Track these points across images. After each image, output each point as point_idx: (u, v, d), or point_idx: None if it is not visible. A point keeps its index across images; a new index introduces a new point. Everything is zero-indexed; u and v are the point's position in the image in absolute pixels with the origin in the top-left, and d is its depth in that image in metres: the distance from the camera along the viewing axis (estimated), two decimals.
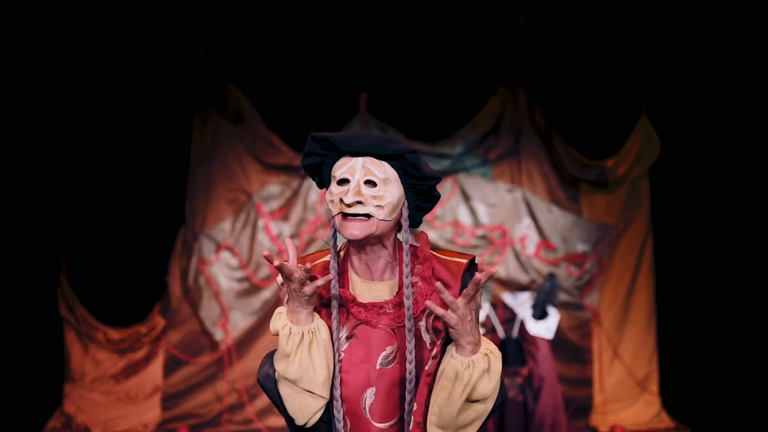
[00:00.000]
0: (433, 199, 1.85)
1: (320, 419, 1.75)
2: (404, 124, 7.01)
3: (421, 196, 1.82)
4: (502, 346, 5.19)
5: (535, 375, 5.26)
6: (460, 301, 1.64)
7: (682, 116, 6.91)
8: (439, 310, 1.64)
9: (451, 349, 1.70)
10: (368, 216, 1.73)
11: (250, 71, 7.18)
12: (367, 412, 1.72)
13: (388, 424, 1.72)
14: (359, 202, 1.72)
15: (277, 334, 1.74)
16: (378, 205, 1.73)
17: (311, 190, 7.27)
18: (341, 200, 1.72)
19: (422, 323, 1.76)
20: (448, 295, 1.63)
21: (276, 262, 1.63)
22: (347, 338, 1.76)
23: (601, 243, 7.27)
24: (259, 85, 7.22)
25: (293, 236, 7.20)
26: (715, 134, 6.72)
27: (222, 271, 7.15)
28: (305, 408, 1.72)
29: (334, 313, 1.74)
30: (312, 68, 7.04)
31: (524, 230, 7.29)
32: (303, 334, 1.70)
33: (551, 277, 5.84)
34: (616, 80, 7.08)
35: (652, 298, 7.23)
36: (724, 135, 6.68)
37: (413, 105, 6.99)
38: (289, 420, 1.77)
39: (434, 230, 7.18)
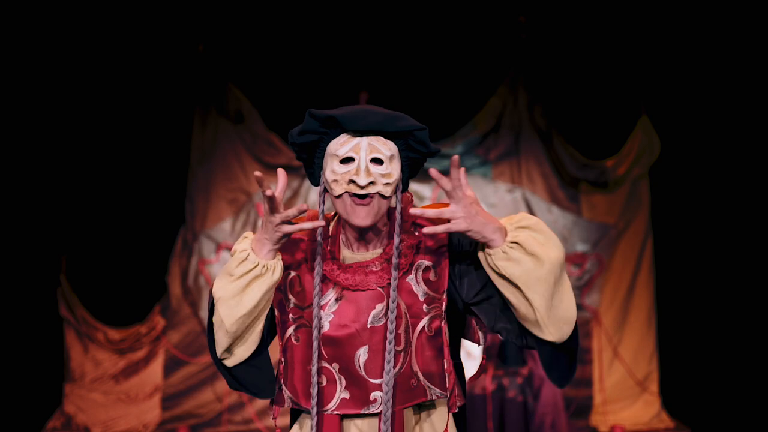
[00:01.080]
0: (421, 166, 1.85)
1: (248, 363, 1.75)
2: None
3: (415, 168, 1.82)
4: (502, 346, 5.18)
5: (535, 375, 5.25)
6: (457, 204, 1.62)
7: (682, 116, 6.91)
8: (440, 228, 1.62)
9: (486, 255, 1.66)
10: (373, 195, 1.70)
11: (250, 71, 7.19)
12: (362, 370, 1.72)
13: (382, 379, 1.71)
14: (371, 183, 1.69)
15: (233, 254, 1.72)
16: (386, 183, 1.71)
17: (311, 190, 7.27)
18: (352, 181, 1.69)
19: (411, 276, 1.76)
20: (439, 224, 1.63)
21: (268, 192, 1.62)
22: (336, 300, 1.75)
23: (601, 243, 7.27)
24: (259, 85, 7.22)
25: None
26: (715, 134, 6.72)
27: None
28: (221, 337, 1.71)
29: (317, 279, 1.73)
30: (312, 68, 7.04)
31: None
32: (257, 264, 1.67)
33: None
34: (616, 80, 7.07)
35: (652, 298, 7.23)
36: (724, 135, 6.68)
37: (413, 105, 6.94)
38: (211, 346, 1.75)
39: None
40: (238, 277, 1.68)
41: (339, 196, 1.73)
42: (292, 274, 1.80)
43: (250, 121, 7.24)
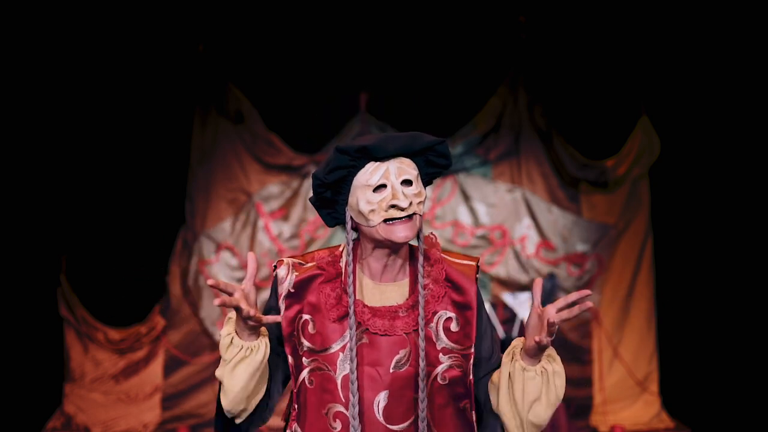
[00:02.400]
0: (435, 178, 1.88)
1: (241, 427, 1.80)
2: (404, 124, 6.99)
3: (431, 182, 1.85)
4: (502, 346, 5.18)
5: None
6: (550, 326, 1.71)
7: (682, 116, 6.91)
8: (545, 338, 1.71)
9: (526, 364, 1.76)
10: (408, 217, 1.72)
11: (250, 71, 7.18)
12: (380, 416, 1.71)
13: (400, 426, 1.71)
14: (410, 204, 1.71)
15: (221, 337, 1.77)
16: (420, 202, 1.74)
17: (311, 191, 7.26)
18: (392, 206, 1.70)
19: (432, 325, 1.76)
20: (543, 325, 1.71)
21: (217, 301, 1.62)
22: (356, 341, 1.74)
23: (601, 243, 7.27)
24: (259, 85, 7.22)
25: (293, 236, 7.20)
26: (715, 134, 6.71)
27: (222, 271, 7.15)
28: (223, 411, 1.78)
29: (351, 331, 1.73)
30: (312, 68, 7.04)
31: (524, 230, 7.29)
32: (241, 347, 1.70)
33: (551, 277, 5.84)
34: (616, 80, 7.07)
35: (652, 298, 7.23)
36: (724, 135, 6.68)
37: (413, 105, 6.99)
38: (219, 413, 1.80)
39: (434, 230, 7.17)
40: (227, 362, 1.72)
41: (376, 225, 1.72)
42: (305, 317, 1.78)
43: (250, 121, 7.24)
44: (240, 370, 1.70)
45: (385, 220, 1.71)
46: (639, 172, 7.25)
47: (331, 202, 1.82)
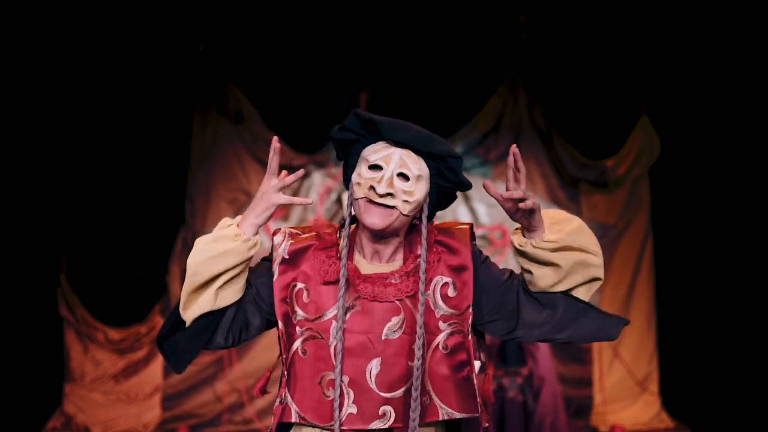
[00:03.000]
0: (451, 200, 1.88)
1: (198, 321, 1.74)
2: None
3: (443, 197, 1.83)
4: (502, 346, 5.18)
5: (535, 375, 5.26)
6: (523, 185, 1.73)
7: (682, 116, 6.91)
8: (516, 193, 1.72)
9: (528, 239, 1.74)
10: (392, 207, 1.71)
11: (250, 71, 7.18)
12: (373, 383, 1.69)
13: (393, 393, 1.69)
14: (390, 194, 1.70)
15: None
16: (405, 200, 1.72)
17: (311, 190, 7.27)
18: (372, 187, 1.70)
19: (429, 293, 1.75)
20: (517, 191, 1.72)
21: (276, 144, 1.70)
22: (347, 310, 1.72)
23: (601, 243, 7.20)
24: (259, 85, 7.22)
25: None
26: (715, 134, 6.71)
27: None
28: (184, 287, 1.73)
29: (341, 292, 1.71)
30: (312, 68, 7.03)
31: None
32: (235, 232, 1.71)
33: None
34: (616, 80, 7.07)
35: (652, 298, 7.23)
36: (724, 135, 6.68)
37: (413, 105, 6.98)
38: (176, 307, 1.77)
39: None
40: (215, 236, 1.72)
41: (358, 199, 1.73)
42: (299, 286, 1.77)
43: (250, 121, 7.24)
44: (225, 243, 1.70)
45: (367, 200, 1.71)
46: (639, 172, 7.25)
47: (345, 165, 1.84)
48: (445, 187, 1.81)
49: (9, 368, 6.47)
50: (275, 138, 1.73)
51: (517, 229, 1.80)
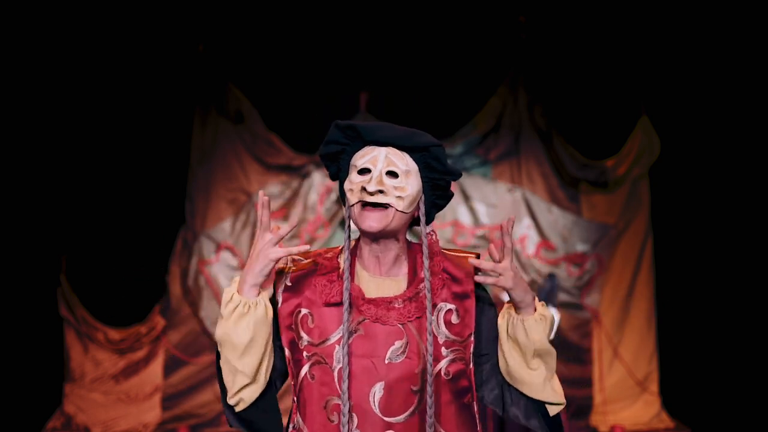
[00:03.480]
0: (448, 196, 1.86)
1: (256, 406, 1.73)
2: (404, 123, 6.95)
3: (438, 192, 1.83)
4: None
5: None
6: (505, 261, 1.71)
7: (682, 116, 6.91)
8: (489, 279, 1.69)
9: (514, 316, 1.74)
10: (386, 206, 1.72)
11: (250, 71, 7.19)
12: (377, 408, 1.69)
13: (398, 418, 1.69)
14: (381, 191, 1.71)
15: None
16: (398, 196, 1.72)
17: (311, 190, 7.27)
18: (363, 188, 1.71)
19: (433, 317, 1.75)
20: (488, 263, 1.69)
21: (264, 198, 1.69)
22: (351, 333, 1.72)
23: (601, 243, 7.27)
24: (259, 85, 7.22)
25: (293, 236, 7.19)
26: (715, 134, 6.72)
27: (222, 271, 7.15)
28: (230, 380, 1.71)
29: (345, 313, 1.71)
30: (312, 68, 7.04)
31: (524, 230, 7.29)
32: (239, 303, 1.69)
33: (551, 277, 5.84)
34: (616, 80, 7.08)
35: (652, 298, 7.23)
36: (724, 135, 6.68)
37: (413, 105, 6.99)
38: (223, 393, 1.75)
39: (434, 230, 7.17)
40: (227, 318, 1.70)
41: (353, 206, 1.74)
42: (303, 311, 1.77)
43: (250, 121, 7.24)
44: (242, 325, 1.68)
45: (362, 205, 1.72)
46: (639, 172, 7.26)
47: (335, 174, 1.85)
48: (436, 179, 1.80)
49: (9, 368, 6.47)
50: (261, 192, 1.73)
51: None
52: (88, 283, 7.03)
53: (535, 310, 1.75)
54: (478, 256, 1.86)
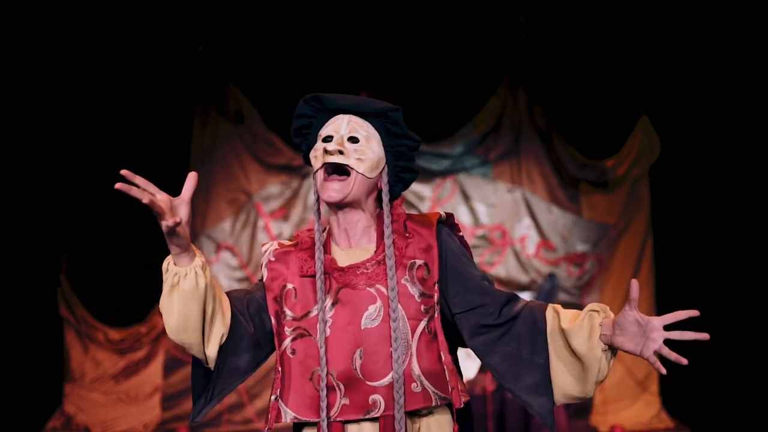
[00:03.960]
0: (413, 169, 1.89)
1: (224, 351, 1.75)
2: (404, 123, 7.00)
3: (401, 162, 1.85)
4: None
5: None
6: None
7: (682, 116, 6.91)
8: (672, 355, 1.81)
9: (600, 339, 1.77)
10: (347, 173, 1.76)
11: (250, 71, 7.18)
12: (359, 373, 1.71)
13: (380, 382, 1.71)
14: (340, 152, 1.75)
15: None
16: (359, 158, 1.76)
17: (311, 190, 7.25)
18: (325, 150, 1.75)
19: (406, 277, 1.77)
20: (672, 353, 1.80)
21: (144, 198, 1.65)
22: (332, 304, 1.75)
23: (601, 243, 7.27)
24: (259, 85, 7.22)
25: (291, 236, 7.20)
26: (716, 134, 6.71)
27: (222, 271, 7.15)
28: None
29: (318, 284, 1.75)
30: (312, 68, 7.03)
31: (524, 230, 7.29)
32: (171, 272, 1.69)
33: (551, 277, 5.84)
34: (616, 80, 7.07)
35: (652, 298, 7.22)
36: (724, 135, 6.67)
37: (413, 105, 6.98)
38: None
39: None
40: (164, 292, 1.70)
41: (316, 173, 1.79)
42: (289, 286, 1.81)
43: (250, 121, 7.24)
44: (174, 297, 1.67)
45: (325, 172, 1.76)
46: (639, 172, 7.25)
47: (308, 151, 1.88)
48: (398, 146, 1.84)
49: (9, 368, 6.47)
50: (191, 175, 1.80)
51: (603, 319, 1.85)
52: (88, 283, 7.02)
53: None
54: (447, 214, 1.89)
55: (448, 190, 7.31)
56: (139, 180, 1.71)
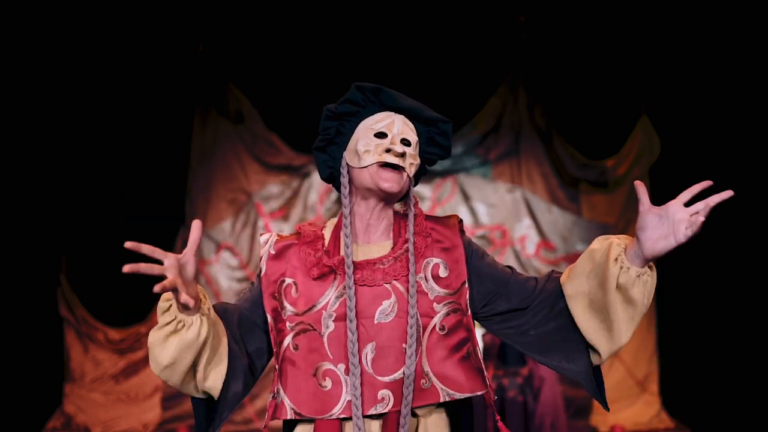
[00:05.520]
0: (424, 172, 1.92)
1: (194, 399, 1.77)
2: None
3: (424, 167, 1.88)
4: (502, 346, 5.18)
5: (535, 375, 5.25)
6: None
7: (682, 116, 6.91)
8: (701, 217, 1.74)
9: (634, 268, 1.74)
10: (402, 170, 1.76)
11: (250, 71, 7.19)
12: (369, 367, 1.69)
13: (390, 377, 1.68)
14: (403, 155, 1.75)
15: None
16: (411, 163, 1.78)
17: (311, 190, 7.27)
18: (388, 150, 1.74)
19: (421, 275, 1.75)
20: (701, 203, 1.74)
21: (156, 287, 1.54)
22: (337, 298, 1.72)
23: None
24: (259, 85, 7.23)
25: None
26: (716, 134, 6.71)
27: (222, 271, 7.15)
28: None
29: (348, 281, 1.71)
30: (312, 68, 7.04)
31: (524, 230, 7.29)
32: (173, 319, 1.63)
33: None
34: (616, 80, 7.07)
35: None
36: (724, 135, 6.68)
37: None
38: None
39: None
40: (158, 328, 1.65)
41: (366, 167, 1.76)
42: (288, 281, 1.77)
43: (250, 121, 7.24)
44: (172, 342, 1.63)
45: (380, 165, 1.74)
46: (639, 172, 7.25)
47: (331, 145, 1.86)
48: (433, 154, 1.86)
49: (9, 368, 6.47)
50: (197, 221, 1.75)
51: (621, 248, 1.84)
52: (88, 283, 7.03)
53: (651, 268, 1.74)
54: (460, 221, 1.88)
55: (448, 190, 7.31)
56: (145, 249, 1.64)
